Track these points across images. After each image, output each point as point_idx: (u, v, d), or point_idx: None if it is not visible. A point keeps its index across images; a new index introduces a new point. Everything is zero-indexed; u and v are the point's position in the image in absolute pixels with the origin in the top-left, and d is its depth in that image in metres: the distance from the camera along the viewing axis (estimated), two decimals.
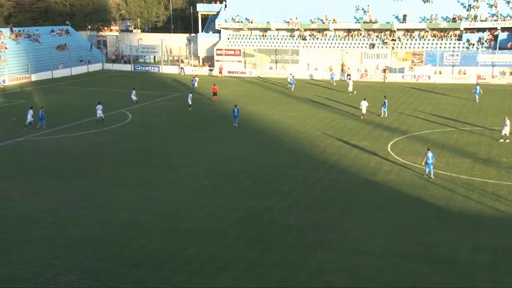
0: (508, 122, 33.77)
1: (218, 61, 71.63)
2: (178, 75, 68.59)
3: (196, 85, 55.28)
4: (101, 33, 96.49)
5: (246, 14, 73.75)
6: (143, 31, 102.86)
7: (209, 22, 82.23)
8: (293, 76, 57.87)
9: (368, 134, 36.41)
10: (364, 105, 41.17)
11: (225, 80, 64.23)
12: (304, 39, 70.82)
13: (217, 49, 72.67)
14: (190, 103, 44.96)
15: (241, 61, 71.11)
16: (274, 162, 29.94)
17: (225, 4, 77.31)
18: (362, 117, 40.95)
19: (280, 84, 59.12)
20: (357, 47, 68.02)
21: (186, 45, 78.87)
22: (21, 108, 45.51)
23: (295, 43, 71.02)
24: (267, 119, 41.39)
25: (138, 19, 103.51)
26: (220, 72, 66.85)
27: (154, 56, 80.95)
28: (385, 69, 64.17)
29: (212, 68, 70.95)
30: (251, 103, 48.45)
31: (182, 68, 71.33)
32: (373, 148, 32.59)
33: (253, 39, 73.41)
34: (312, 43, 70.48)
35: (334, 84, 59.08)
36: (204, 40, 77.45)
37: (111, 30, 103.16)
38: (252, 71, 68.99)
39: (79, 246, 19.36)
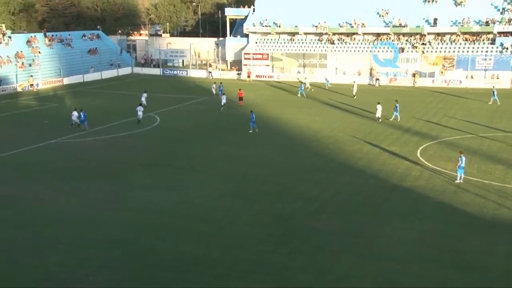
0: None
1: (246, 65, 71.92)
2: (206, 79, 69.03)
3: (214, 91, 54.40)
4: (131, 37, 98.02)
5: (274, 19, 73.85)
6: (172, 35, 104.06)
7: (237, 26, 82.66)
8: (300, 81, 57.25)
9: (397, 139, 36.00)
10: (379, 109, 41.13)
11: (253, 84, 64.40)
12: (332, 43, 70.52)
13: (245, 53, 72.97)
14: (224, 101, 46.39)
15: (269, 65, 71.24)
16: (301, 166, 29.85)
17: (253, 9, 77.61)
18: (378, 121, 41.11)
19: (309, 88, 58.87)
20: (386, 51, 67.35)
21: (214, 49, 79.44)
22: (54, 111, 46.64)
23: (323, 47, 70.77)
24: (294, 123, 41.32)
25: (167, 24, 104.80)
26: (248, 76, 67.09)
27: (183, 60, 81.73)
28: (415, 74, 63.40)
29: (240, 72, 71.27)
30: (278, 107, 48.46)
31: (210, 72, 71.82)
32: (402, 153, 32.20)
33: (281, 43, 73.46)
34: (340, 47, 70.11)
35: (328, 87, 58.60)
36: (232, 44, 77.85)
37: (140, 35, 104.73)
38: (279, 75, 69.02)
39: (108, 247, 19.66)
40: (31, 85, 59.83)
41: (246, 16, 77.88)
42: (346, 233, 20.76)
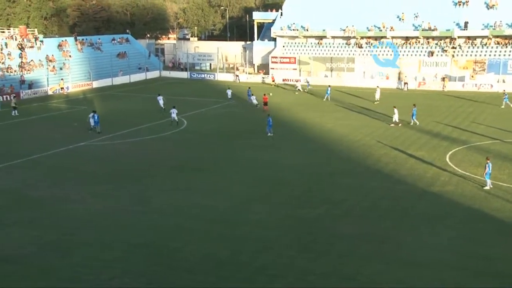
0: None
1: (273, 68, 71.96)
2: (233, 83, 69.23)
3: (229, 95, 54.43)
4: (159, 41, 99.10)
5: (302, 22, 73.71)
6: (199, 39, 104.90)
7: (264, 30, 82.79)
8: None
9: (425, 144, 35.46)
10: (396, 113, 40.98)
11: (280, 88, 64.32)
12: (360, 47, 69.98)
13: (272, 57, 73.00)
14: (255, 102, 49.12)
15: (296, 69, 71.11)
16: (327, 170, 29.65)
17: (281, 12, 77.59)
18: (392, 125, 40.73)
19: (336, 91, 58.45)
20: (415, 55, 66.53)
21: (242, 53, 79.68)
22: (83, 114, 47.25)
23: (351, 51, 70.30)
24: (320, 127, 41.10)
25: (195, 27, 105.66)
26: (273, 80, 66.99)
27: (210, 64, 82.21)
28: (444, 78, 62.40)
29: (265, 76, 71.13)
30: (304, 110, 48.29)
31: (237, 75, 72.01)
32: (431, 158, 31.69)
33: (308, 47, 73.23)
34: (368, 51, 69.53)
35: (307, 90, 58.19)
36: (260, 48, 77.98)
37: (169, 38, 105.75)
38: (307, 79, 68.69)
39: (133, 249, 19.81)
40: (62, 88, 60.98)
41: (274, 20, 77.92)
42: (372, 238, 20.49)
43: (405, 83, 62.76)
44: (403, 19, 69.25)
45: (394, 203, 24.43)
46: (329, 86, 56.67)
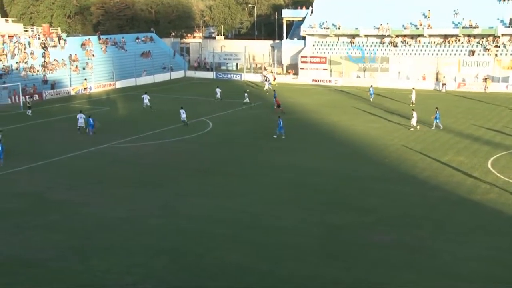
0: None
1: (302, 69, 71.90)
2: (261, 83, 69.26)
3: (218, 95, 55.19)
4: (184, 40, 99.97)
5: (333, 20, 73.43)
6: (226, 37, 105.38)
7: (294, 29, 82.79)
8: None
9: (465, 148, 34.91)
10: (415, 116, 40.67)
11: (309, 89, 64.25)
12: (395, 46, 69.32)
13: (301, 56, 72.93)
14: (247, 100, 52.28)
15: (326, 69, 70.87)
16: (359, 175, 29.48)
17: (312, 10, 77.48)
18: (412, 129, 40.37)
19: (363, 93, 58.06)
20: (455, 54, 65.56)
21: (270, 52, 79.76)
22: (106, 115, 48.10)
23: (385, 50, 69.70)
24: (351, 130, 40.87)
25: (222, 26, 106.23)
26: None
27: (237, 64, 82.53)
28: (486, 78, 61.31)
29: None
30: (335, 113, 48.09)
31: (265, 75, 72.02)
32: (471, 164, 31.18)
33: (340, 46, 72.93)
34: (404, 50, 68.82)
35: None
36: (289, 47, 78.00)
37: (194, 37, 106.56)
38: (338, 80, 68.49)
39: (156, 254, 20.05)
40: (85, 88, 62.07)
41: (304, 18, 77.84)
42: (405, 248, 20.30)
43: (443, 84, 61.89)
44: (428, 17, 68.45)
45: (430, 211, 24.13)
46: (371, 86, 56.41)
